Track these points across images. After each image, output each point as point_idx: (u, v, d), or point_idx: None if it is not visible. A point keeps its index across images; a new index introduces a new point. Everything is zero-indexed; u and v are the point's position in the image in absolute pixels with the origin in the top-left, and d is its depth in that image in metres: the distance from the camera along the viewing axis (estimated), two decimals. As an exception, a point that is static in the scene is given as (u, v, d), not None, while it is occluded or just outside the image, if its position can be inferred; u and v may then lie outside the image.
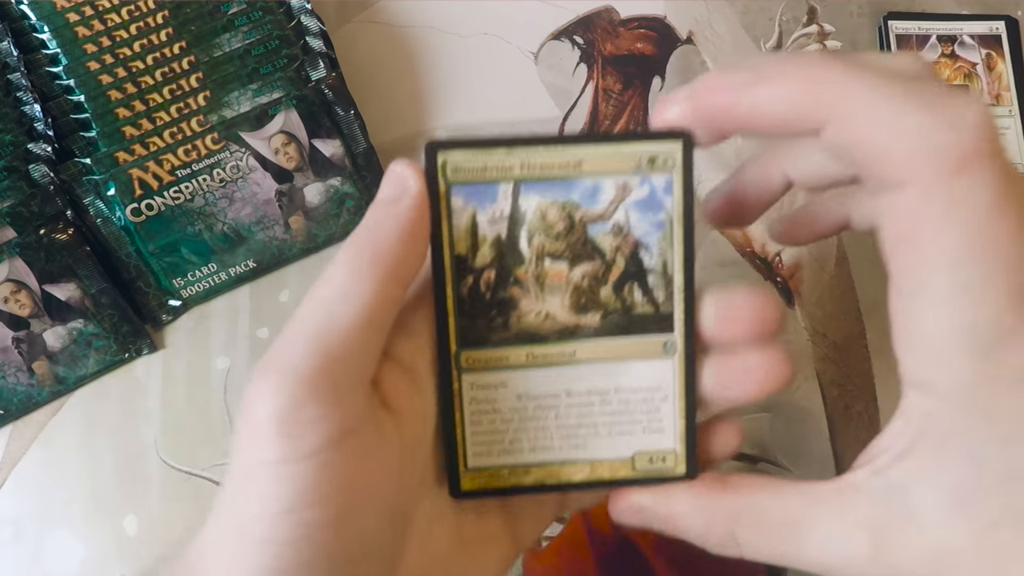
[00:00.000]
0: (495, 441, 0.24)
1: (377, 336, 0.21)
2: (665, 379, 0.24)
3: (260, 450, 0.19)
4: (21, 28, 0.39)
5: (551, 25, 0.44)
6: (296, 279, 0.40)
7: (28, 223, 0.35)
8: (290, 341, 0.20)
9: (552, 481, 0.24)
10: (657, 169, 0.22)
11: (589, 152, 0.22)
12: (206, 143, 0.37)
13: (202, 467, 0.37)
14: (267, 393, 0.19)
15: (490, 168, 0.22)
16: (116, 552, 0.36)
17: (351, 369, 0.20)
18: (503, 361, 0.23)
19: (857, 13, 0.45)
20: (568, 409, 0.24)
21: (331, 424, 0.19)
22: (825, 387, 0.39)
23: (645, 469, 0.24)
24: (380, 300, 0.20)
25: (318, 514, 0.19)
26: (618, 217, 0.23)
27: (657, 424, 0.24)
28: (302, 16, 0.39)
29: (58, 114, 0.38)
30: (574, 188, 0.22)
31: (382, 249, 0.20)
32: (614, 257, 0.23)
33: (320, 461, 0.19)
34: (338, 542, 0.20)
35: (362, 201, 0.39)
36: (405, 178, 0.21)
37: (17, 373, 0.36)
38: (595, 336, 0.23)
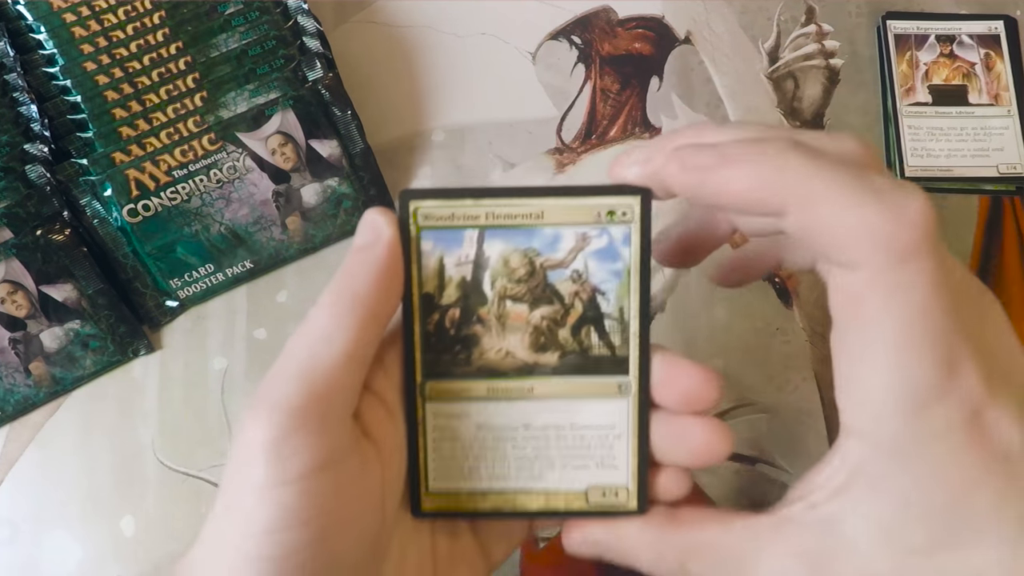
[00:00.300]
0: (455, 467, 0.25)
1: (358, 371, 0.23)
2: (619, 418, 0.25)
3: (250, 474, 0.21)
4: (18, 28, 0.39)
5: (549, 25, 0.44)
6: (293, 280, 0.40)
7: (25, 224, 0.35)
8: (278, 377, 0.22)
9: (508, 508, 0.25)
10: (616, 221, 0.24)
11: (551, 204, 0.24)
12: (203, 143, 0.37)
13: (199, 468, 0.37)
14: (258, 424, 0.21)
15: (457, 216, 0.24)
16: (113, 553, 0.36)
17: (334, 403, 0.22)
18: (465, 393, 0.25)
19: (855, 13, 0.45)
20: (526, 441, 0.25)
21: (315, 453, 0.21)
22: (823, 388, 0.39)
23: (598, 502, 0.25)
24: (360, 339, 0.22)
25: (300, 535, 0.21)
26: (577, 265, 0.24)
27: (611, 460, 0.25)
28: (299, 16, 0.39)
29: (55, 114, 0.37)
30: (535, 236, 0.24)
31: (359, 292, 0.22)
32: (572, 302, 0.24)
33: (304, 487, 0.21)
34: (317, 561, 0.21)
35: (359, 201, 0.39)
36: (379, 225, 0.23)
37: (14, 374, 0.36)
38: (553, 374, 0.25)
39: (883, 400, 0.21)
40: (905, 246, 0.20)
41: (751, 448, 0.38)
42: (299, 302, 0.39)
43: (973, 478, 0.20)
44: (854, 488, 0.22)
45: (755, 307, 0.40)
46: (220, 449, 0.37)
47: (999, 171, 0.42)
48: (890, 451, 0.21)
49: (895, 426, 0.21)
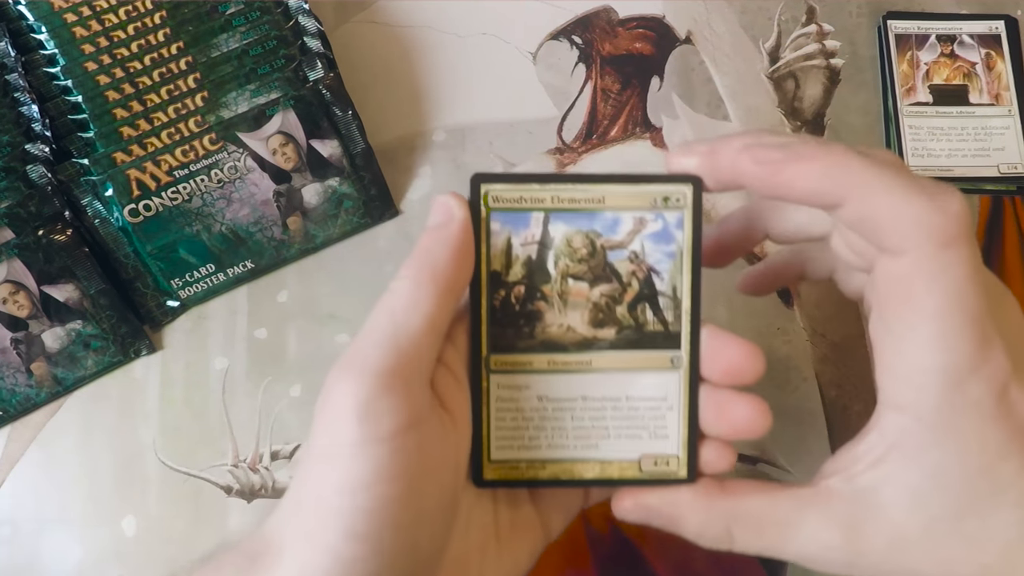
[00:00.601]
0: (516, 437, 0.27)
1: (437, 340, 0.25)
2: (671, 390, 0.26)
3: (343, 433, 0.22)
4: (19, 28, 0.39)
5: (549, 25, 0.44)
6: (294, 280, 0.40)
7: (26, 224, 0.35)
8: (365, 344, 0.23)
9: (566, 476, 0.27)
10: (670, 207, 0.26)
11: (611, 190, 0.26)
12: (204, 144, 0.37)
13: (200, 468, 0.37)
14: (348, 387, 0.23)
15: (525, 199, 0.26)
16: (114, 553, 0.36)
17: (418, 368, 0.24)
18: (527, 366, 0.26)
19: (856, 12, 0.45)
20: (583, 412, 0.27)
21: (402, 414, 0.23)
22: (824, 387, 0.39)
23: (650, 471, 0.27)
24: (439, 308, 0.24)
25: (390, 489, 0.22)
26: (635, 246, 0.26)
27: (663, 431, 0.27)
28: (300, 16, 0.39)
29: (56, 115, 0.37)
30: (597, 219, 0.26)
31: (438, 265, 0.24)
32: (630, 280, 0.26)
33: (393, 445, 0.22)
34: (405, 514, 0.23)
35: (360, 201, 0.39)
36: (451, 206, 0.25)
37: (15, 374, 0.36)
38: (610, 348, 0.26)
39: (926, 374, 0.23)
40: (948, 235, 0.22)
41: (752, 448, 0.38)
42: (300, 302, 0.39)
43: (999, 449, 0.23)
44: (891, 460, 0.24)
45: (756, 307, 0.40)
46: (221, 449, 0.37)
47: (1000, 171, 0.42)
48: (929, 424, 0.23)
49: (936, 399, 0.22)
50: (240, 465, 0.37)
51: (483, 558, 0.27)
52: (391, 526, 0.23)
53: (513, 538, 0.28)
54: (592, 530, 0.37)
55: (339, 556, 0.23)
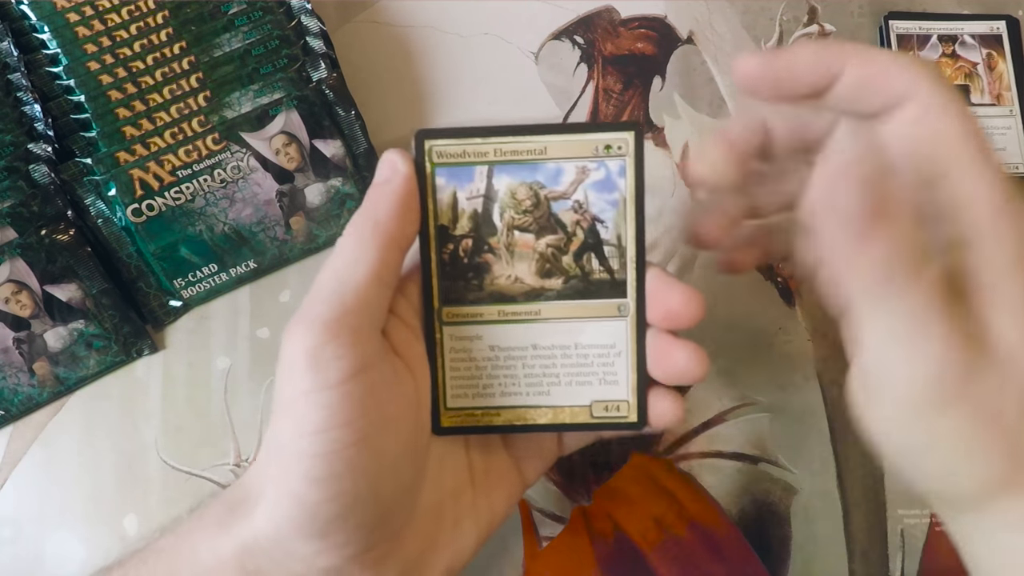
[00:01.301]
0: (471, 385, 0.28)
1: (384, 291, 0.25)
2: (619, 337, 0.27)
3: (296, 382, 0.24)
4: (21, 28, 0.39)
5: (551, 25, 0.44)
6: (297, 280, 0.40)
7: (29, 224, 0.35)
8: (313, 299, 0.25)
9: (519, 422, 0.28)
10: (612, 155, 0.26)
11: (553, 140, 0.26)
12: (207, 143, 0.37)
13: (202, 467, 0.37)
14: (298, 337, 0.24)
15: (468, 153, 0.26)
16: (116, 552, 0.36)
17: (364, 317, 0.24)
18: (478, 317, 0.27)
19: (858, 13, 0.45)
20: (534, 360, 0.27)
21: (350, 360, 0.24)
22: (825, 387, 0.39)
23: (601, 416, 0.28)
24: (383, 261, 0.25)
25: (344, 433, 0.23)
26: (578, 196, 0.26)
27: (612, 377, 0.27)
28: (302, 16, 0.39)
29: (58, 114, 0.37)
30: (540, 170, 0.26)
31: (381, 220, 0.25)
32: (574, 230, 0.27)
33: (344, 390, 0.23)
34: (361, 458, 0.24)
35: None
36: (395, 162, 0.26)
37: (18, 374, 0.36)
38: (558, 298, 0.27)
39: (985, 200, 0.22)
40: (941, 75, 0.23)
41: (754, 447, 0.38)
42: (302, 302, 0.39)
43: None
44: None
45: (757, 307, 0.40)
46: (223, 448, 0.37)
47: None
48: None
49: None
50: (242, 465, 0.37)
51: (458, 504, 0.28)
52: (349, 470, 0.24)
53: (488, 485, 0.29)
54: (594, 531, 0.37)
55: (301, 500, 0.24)
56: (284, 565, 0.25)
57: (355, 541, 0.25)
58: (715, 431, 0.38)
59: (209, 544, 0.25)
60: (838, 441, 0.38)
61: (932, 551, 0.37)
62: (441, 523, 0.28)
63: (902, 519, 0.37)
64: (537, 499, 0.37)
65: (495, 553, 0.37)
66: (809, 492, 0.38)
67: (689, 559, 0.36)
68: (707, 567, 0.36)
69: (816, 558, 0.37)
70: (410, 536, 0.27)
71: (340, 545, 0.24)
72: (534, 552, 0.37)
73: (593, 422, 0.28)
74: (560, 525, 0.37)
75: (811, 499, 0.37)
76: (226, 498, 0.27)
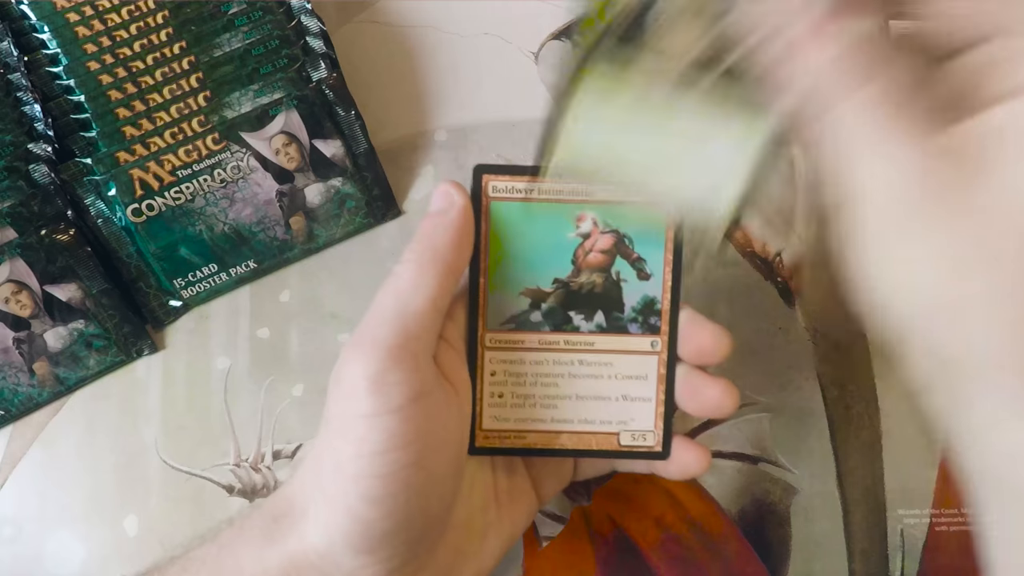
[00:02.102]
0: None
1: (439, 317, 0.27)
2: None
3: (357, 405, 0.24)
4: (21, 28, 0.39)
5: (551, 25, 0.44)
6: (296, 280, 0.40)
7: (29, 224, 0.35)
8: (375, 320, 0.25)
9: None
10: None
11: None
12: (207, 143, 0.37)
13: (202, 467, 0.37)
14: (360, 361, 0.24)
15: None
16: (116, 553, 0.36)
17: (423, 343, 0.26)
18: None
19: (857, 13, 0.45)
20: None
21: (411, 386, 0.25)
22: (825, 387, 0.39)
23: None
24: (440, 289, 0.26)
25: (403, 455, 0.24)
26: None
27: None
28: (302, 16, 0.39)
29: (58, 114, 0.37)
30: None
31: (439, 249, 0.26)
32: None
33: (404, 415, 0.24)
34: (417, 478, 0.25)
35: (362, 201, 0.39)
36: (451, 194, 0.27)
37: (18, 374, 0.36)
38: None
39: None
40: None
41: (754, 447, 0.38)
42: (302, 302, 0.39)
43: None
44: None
45: (757, 306, 0.40)
46: (223, 448, 0.37)
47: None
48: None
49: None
50: (242, 465, 0.37)
51: (485, 520, 0.30)
52: (404, 490, 0.25)
53: (511, 502, 0.31)
54: (594, 531, 0.37)
55: (357, 517, 0.24)
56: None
57: (399, 555, 0.26)
58: (715, 431, 0.38)
59: (254, 556, 0.26)
60: (838, 441, 0.38)
61: (932, 551, 0.37)
62: (470, 536, 0.29)
63: (902, 519, 0.37)
64: (537, 499, 0.37)
65: (495, 553, 0.37)
66: (809, 492, 0.38)
67: (689, 559, 0.36)
68: (707, 567, 0.36)
69: (816, 558, 0.37)
70: (443, 548, 0.28)
71: (385, 559, 0.25)
72: (534, 552, 0.37)
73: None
74: (560, 525, 0.37)
75: (811, 499, 0.37)
76: (269, 510, 0.27)
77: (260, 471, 0.37)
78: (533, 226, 0.28)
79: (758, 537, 0.37)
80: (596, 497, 0.37)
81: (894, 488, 0.38)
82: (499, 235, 0.28)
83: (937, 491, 0.38)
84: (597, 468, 0.33)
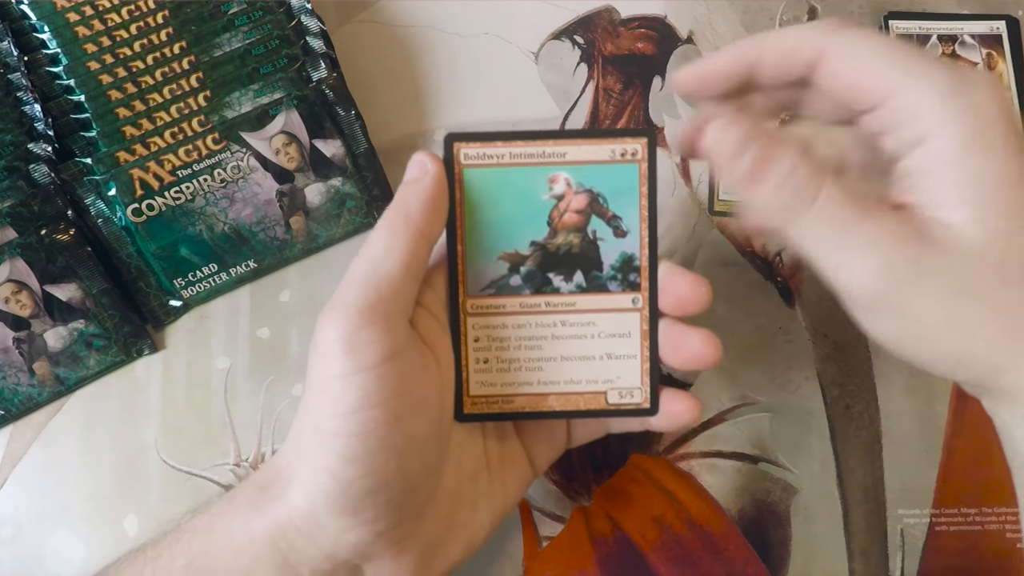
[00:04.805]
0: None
1: (413, 281, 0.27)
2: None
3: (331, 365, 0.25)
4: (21, 28, 0.39)
5: (551, 25, 0.44)
6: (296, 279, 0.40)
7: (29, 223, 0.35)
8: (348, 285, 0.26)
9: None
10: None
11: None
12: (207, 143, 0.37)
13: (202, 467, 0.37)
14: (334, 322, 0.25)
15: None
16: (117, 552, 0.36)
17: (395, 305, 0.26)
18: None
19: (858, 12, 0.45)
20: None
21: (384, 345, 0.25)
22: (826, 387, 0.39)
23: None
24: (413, 253, 0.26)
25: (378, 413, 0.25)
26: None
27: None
28: (302, 16, 0.39)
29: (58, 114, 0.37)
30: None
31: (411, 215, 0.27)
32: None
33: (377, 373, 0.25)
34: (393, 437, 0.25)
35: (363, 201, 0.39)
36: (424, 163, 0.28)
37: (18, 374, 0.36)
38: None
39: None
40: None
41: (754, 447, 0.38)
42: (302, 302, 0.39)
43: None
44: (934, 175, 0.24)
45: (757, 306, 0.40)
46: (223, 448, 0.37)
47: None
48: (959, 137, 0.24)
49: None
50: (242, 464, 0.37)
51: (475, 488, 0.30)
52: (381, 448, 0.25)
53: (503, 470, 0.31)
54: (594, 531, 0.37)
55: (337, 476, 0.25)
56: (315, 541, 0.26)
57: (383, 517, 0.26)
58: (715, 431, 0.38)
59: (242, 523, 0.27)
60: (838, 441, 0.38)
61: (932, 551, 0.37)
62: (459, 505, 0.29)
63: (902, 519, 0.37)
64: (537, 499, 0.37)
65: (495, 553, 0.37)
66: (809, 492, 0.38)
67: (689, 559, 0.36)
68: (707, 567, 0.36)
69: (816, 558, 0.37)
70: (431, 517, 0.28)
71: (369, 521, 0.26)
72: (534, 552, 0.37)
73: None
74: (560, 525, 0.37)
75: (811, 499, 0.37)
76: (257, 479, 0.28)
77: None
78: (507, 191, 0.28)
79: (758, 537, 0.37)
80: (596, 497, 0.37)
81: (894, 488, 0.38)
82: (474, 201, 0.28)
83: (937, 491, 0.37)
84: (591, 431, 0.33)
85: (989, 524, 0.37)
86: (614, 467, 0.37)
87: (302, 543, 0.26)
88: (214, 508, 0.28)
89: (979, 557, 0.37)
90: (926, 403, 0.38)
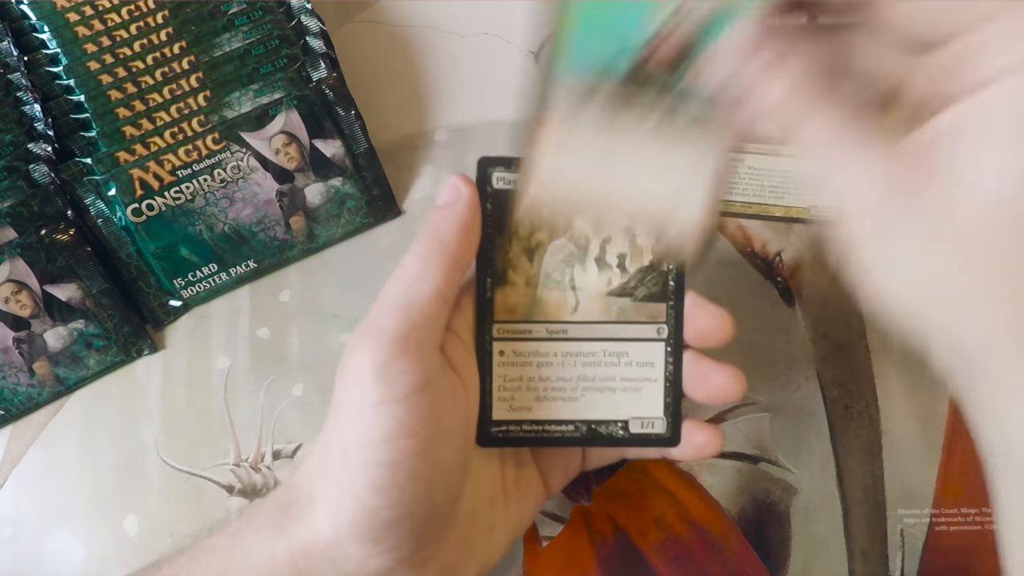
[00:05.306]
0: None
1: (445, 308, 0.27)
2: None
3: (363, 393, 0.25)
4: (21, 28, 0.39)
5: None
6: (296, 279, 0.40)
7: (29, 223, 0.35)
8: (380, 310, 0.26)
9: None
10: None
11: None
12: (207, 143, 0.37)
13: (202, 467, 0.37)
14: (366, 351, 0.25)
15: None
16: (117, 552, 0.36)
17: (428, 332, 0.26)
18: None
19: (857, 13, 0.45)
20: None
21: (416, 375, 0.25)
22: (825, 387, 0.39)
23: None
24: (446, 279, 0.26)
25: (409, 444, 0.25)
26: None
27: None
28: (302, 16, 0.39)
29: (58, 114, 0.37)
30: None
31: (445, 240, 0.26)
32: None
33: (410, 403, 0.25)
34: (423, 468, 0.25)
35: (363, 201, 0.39)
36: (458, 186, 0.28)
37: (18, 374, 0.36)
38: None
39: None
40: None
41: (754, 447, 0.38)
42: (302, 302, 0.39)
43: None
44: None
45: (757, 306, 0.40)
46: (223, 448, 0.37)
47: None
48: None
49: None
50: (242, 464, 0.37)
51: (492, 511, 0.30)
52: (410, 479, 0.25)
53: (518, 494, 0.31)
54: (594, 531, 0.37)
55: (364, 505, 0.25)
56: (337, 566, 0.26)
57: (406, 545, 0.26)
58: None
59: (262, 544, 0.26)
60: (838, 441, 0.38)
61: (932, 551, 0.37)
62: (476, 529, 0.29)
63: (902, 519, 0.37)
64: (537, 499, 0.37)
65: (495, 553, 0.37)
66: (809, 492, 0.38)
67: (689, 559, 0.36)
68: (707, 567, 0.36)
69: (816, 558, 0.37)
70: (450, 541, 0.28)
71: (392, 548, 0.26)
72: (534, 552, 0.37)
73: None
74: (560, 525, 0.37)
75: (811, 499, 0.37)
76: (277, 499, 0.27)
77: (260, 471, 0.37)
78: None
79: (758, 537, 0.37)
80: (596, 497, 0.37)
81: (894, 488, 0.38)
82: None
83: (937, 491, 0.38)
84: (606, 457, 0.33)
85: (989, 524, 0.37)
86: (614, 467, 0.37)
87: (323, 566, 0.26)
88: (232, 528, 0.28)
89: (979, 557, 0.37)
90: (926, 403, 0.38)
